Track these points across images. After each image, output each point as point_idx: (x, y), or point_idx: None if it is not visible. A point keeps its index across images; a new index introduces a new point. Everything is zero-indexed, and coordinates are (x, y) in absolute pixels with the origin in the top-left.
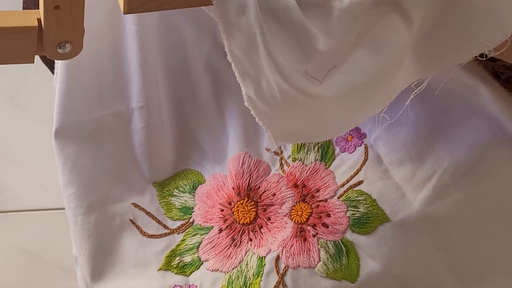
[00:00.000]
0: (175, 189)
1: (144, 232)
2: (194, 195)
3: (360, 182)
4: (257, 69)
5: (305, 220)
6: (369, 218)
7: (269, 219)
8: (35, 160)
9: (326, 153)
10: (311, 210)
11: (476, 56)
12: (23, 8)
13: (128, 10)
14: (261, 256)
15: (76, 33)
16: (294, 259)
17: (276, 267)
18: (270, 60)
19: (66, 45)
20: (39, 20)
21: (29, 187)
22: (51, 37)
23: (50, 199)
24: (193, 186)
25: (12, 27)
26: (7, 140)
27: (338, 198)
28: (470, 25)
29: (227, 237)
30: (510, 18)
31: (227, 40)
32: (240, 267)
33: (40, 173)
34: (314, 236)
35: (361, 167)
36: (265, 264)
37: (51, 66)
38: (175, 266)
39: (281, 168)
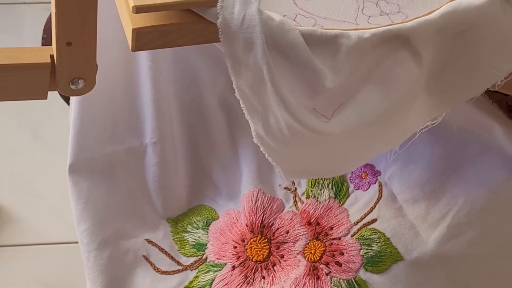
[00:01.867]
0: (188, 225)
1: (157, 269)
2: (207, 232)
3: (374, 220)
4: (265, 106)
5: (318, 258)
6: (382, 257)
7: (282, 256)
8: (56, 193)
9: (340, 190)
10: (324, 248)
11: (489, 89)
12: (42, 44)
13: (136, 47)
14: None
15: (89, 70)
16: None
17: None
18: (277, 97)
19: (79, 81)
20: (52, 57)
21: (50, 220)
22: (63, 74)
23: (70, 233)
24: (206, 222)
25: (25, 63)
26: (30, 173)
27: (351, 236)
28: (480, 58)
29: (240, 274)
30: None
31: (234, 76)
32: None
33: (61, 206)
34: (327, 274)
35: (375, 205)
36: None
37: (67, 99)
38: None
39: (295, 205)
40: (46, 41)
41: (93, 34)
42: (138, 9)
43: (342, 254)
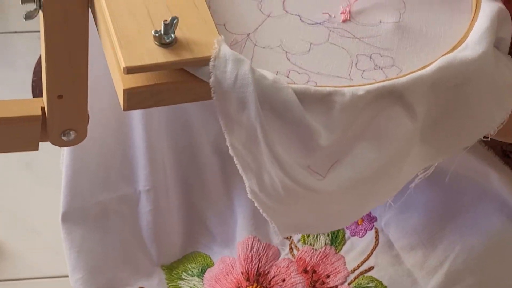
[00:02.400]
0: (183, 272)
1: None
2: (202, 279)
3: (371, 268)
4: (258, 164)
5: None
6: None
7: None
8: (50, 227)
9: (336, 237)
10: None
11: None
12: (32, 87)
13: (128, 107)
14: None
15: (80, 121)
16: None
17: None
18: (271, 155)
19: (71, 132)
20: (42, 109)
21: (44, 254)
22: (55, 126)
23: (65, 267)
24: (201, 269)
25: (16, 117)
26: (23, 207)
27: (348, 284)
28: (473, 109)
29: None
30: (509, 96)
31: (228, 134)
32: None
33: (55, 240)
34: None
35: (372, 252)
36: None
37: None
38: None
39: (291, 252)
40: (37, 84)
41: (84, 86)
42: (130, 70)
43: None
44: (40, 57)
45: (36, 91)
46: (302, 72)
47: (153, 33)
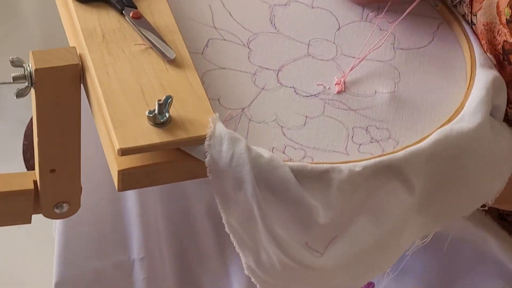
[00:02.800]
0: None
1: None
2: None
3: None
4: (255, 242)
5: None
6: None
7: None
8: (39, 280)
9: None
10: None
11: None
12: (23, 150)
13: (123, 187)
14: None
15: (73, 194)
16: None
17: None
18: (268, 234)
19: (64, 205)
20: (35, 182)
21: None
22: (47, 199)
23: None
24: None
25: (7, 191)
26: (11, 261)
27: None
28: (471, 180)
29: None
30: (506, 165)
31: (224, 212)
32: None
33: None
34: None
35: None
36: None
37: None
38: None
39: None
40: (27, 148)
41: (77, 160)
42: (124, 152)
43: None
44: (30, 120)
45: (27, 155)
46: (298, 148)
47: (147, 113)
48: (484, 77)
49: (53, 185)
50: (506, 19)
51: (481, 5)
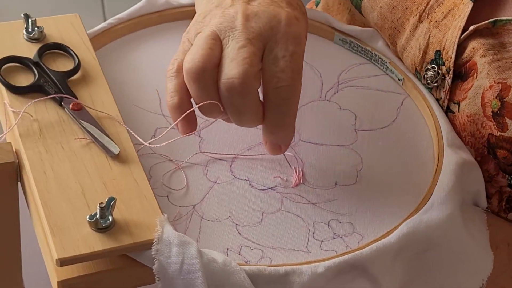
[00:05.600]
0: None
1: None
2: None
3: None
4: None
5: None
6: None
7: None
8: None
9: None
10: None
11: None
12: None
13: None
14: None
15: None
16: None
17: None
18: None
19: None
20: None
21: None
22: None
23: None
24: None
25: None
26: None
27: None
28: (444, 277)
29: None
30: (483, 263)
31: None
32: None
33: None
34: None
35: None
36: None
37: None
38: None
39: None
40: None
41: (17, 266)
42: (63, 262)
43: None
44: None
45: None
46: (255, 247)
47: (87, 218)
48: (453, 160)
49: None
50: (493, 111)
51: (466, 94)
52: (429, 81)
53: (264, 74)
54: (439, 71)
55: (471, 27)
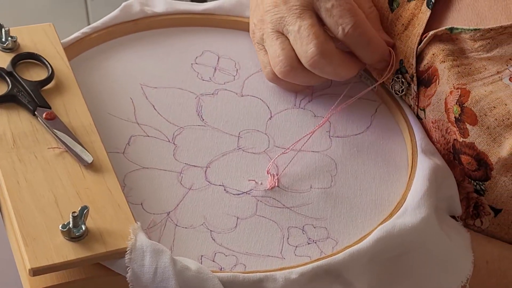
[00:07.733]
0: None
1: None
2: None
3: None
4: None
5: None
6: None
7: None
8: None
9: None
10: None
11: None
12: None
13: None
14: None
15: None
16: None
17: None
18: None
19: None
20: None
21: None
22: None
23: None
24: None
25: None
26: None
27: None
28: (420, 281)
29: None
30: (462, 265)
31: None
32: None
33: None
34: None
35: None
36: None
37: None
38: None
39: None
40: None
41: None
42: (36, 272)
43: None
44: None
45: None
46: (229, 254)
47: (60, 227)
48: (427, 166)
49: None
50: (455, 117)
51: (430, 100)
52: (397, 92)
53: (330, 29)
54: (403, 80)
55: (430, 33)
